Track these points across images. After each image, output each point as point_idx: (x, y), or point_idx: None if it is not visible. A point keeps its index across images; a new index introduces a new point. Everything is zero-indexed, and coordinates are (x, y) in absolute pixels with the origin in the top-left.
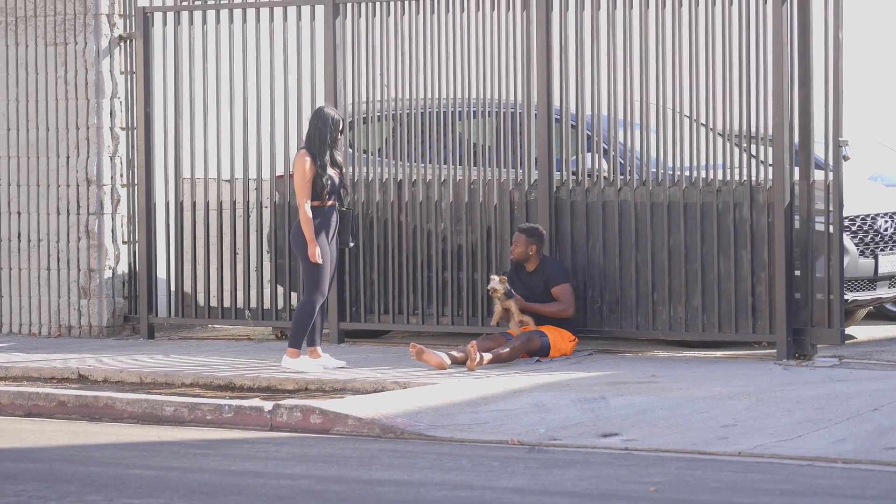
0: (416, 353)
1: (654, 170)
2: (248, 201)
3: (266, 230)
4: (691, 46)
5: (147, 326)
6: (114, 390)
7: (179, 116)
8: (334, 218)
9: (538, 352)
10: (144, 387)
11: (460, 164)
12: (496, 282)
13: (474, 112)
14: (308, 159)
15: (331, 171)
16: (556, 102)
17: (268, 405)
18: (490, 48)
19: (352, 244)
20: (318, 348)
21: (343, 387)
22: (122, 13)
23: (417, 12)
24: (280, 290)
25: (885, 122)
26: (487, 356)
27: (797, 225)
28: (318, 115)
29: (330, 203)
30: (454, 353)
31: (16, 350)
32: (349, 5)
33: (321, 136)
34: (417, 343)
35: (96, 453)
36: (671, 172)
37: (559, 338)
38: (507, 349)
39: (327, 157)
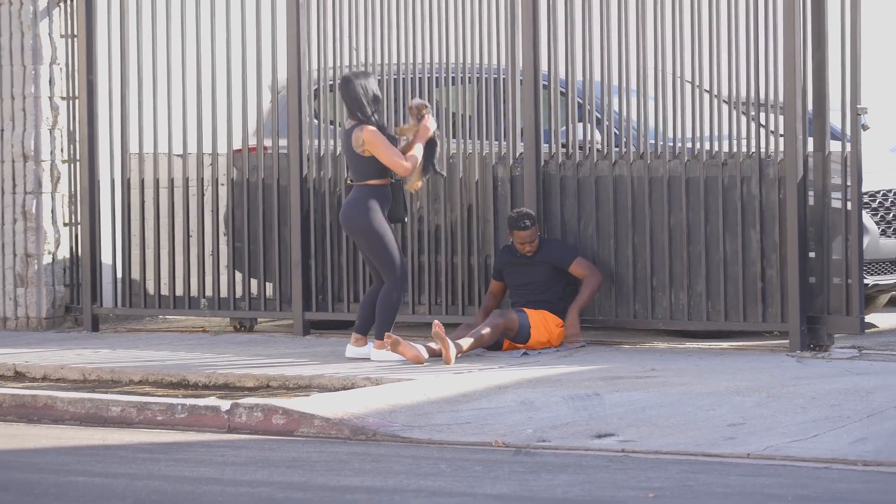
0: (391, 343)
1: (652, 141)
2: (203, 178)
3: (223, 210)
4: (694, 3)
5: (91, 318)
6: (54, 389)
7: (126, 85)
8: (389, 197)
9: (518, 334)
10: (88, 385)
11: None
12: (419, 102)
13: (452, 78)
14: (376, 130)
15: None
16: (543, 67)
17: (225, 404)
18: (470, 6)
19: (407, 218)
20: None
21: (308, 384)
22: None
23: None
24: (238, 276)
25: None
26: (467, 342)
27: (811, 201)
28: (346, 86)
29: (387, 181)
30: (433, 344)
31: None
32: None
33: (369, 99)
34: (393, 334)
35: (35, 459)
36: (671, 144)
37: (543, 321)
38: (487, 329)
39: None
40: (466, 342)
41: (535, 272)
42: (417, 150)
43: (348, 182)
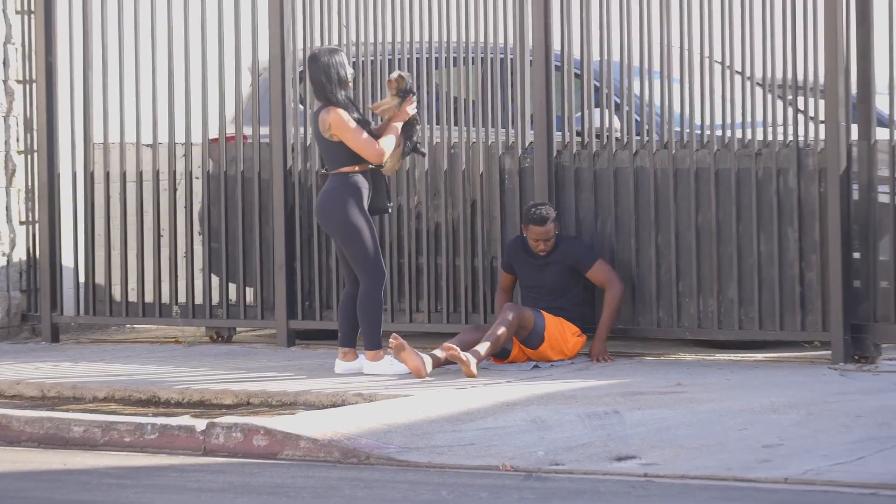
0: (396, 347)
1: (677, 129)
2: (175, 171)
3: (197, 207)
4: None
5: (50, 327)
6: (9, 407)
7: (89, 67)
8: (366, 185)
9: (531, 334)
10: (47, 402)
11: (437, 124)
12: (398, 75)
13: (454, 58)
14: (343, 112)
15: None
16: (556, 45)
17: (200, 424)
18: None
19: (391, 207)
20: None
21: (294, 400)
22: None
23: None
24: (215, 281)
25: None
26: (484, 347)
27: (855, 196)
28: (313, 63)
29: (366, 167)
30: (438, 352)
31: None
32: None
33: (333, 81)
34: (384, 344)
35: None
36: (699, 132)
37: (560, 330)
38: (502, 328)
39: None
40: (483, 347)
41: (548, 274)
42: (393, 132)
43: (323, 172)
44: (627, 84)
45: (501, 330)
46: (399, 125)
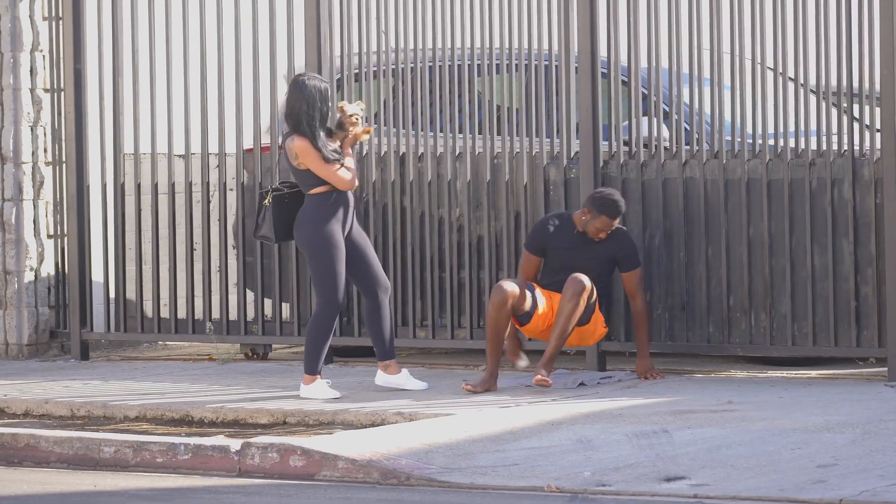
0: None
1: (728, 138)
2: (209, 182)
3: (231, 219)
4: None
5: (80, 344)
6: (38, 426)
7: (119, 74)
8: (347, 204)
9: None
10: (77, 422)
11: (480, 133)
12: (356, 107)
13: (497, 65)
14: (308, 142)
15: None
16: (602, 52)
17: (235, 444)
18: None
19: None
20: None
21: (332, 419)
22: None
23: None
24: (250, 296)
25: None
26: (550, 347)
27: None
28: (299, 90)
29: None
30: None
31: None
32: None
33: (309, 118)
34: (427, 361)
35: None
36: (750, 141)
37: (594, 320)
38: (563, 316)
39: (323, 135)
40: (550, 347)
41: (589, 261)
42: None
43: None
44: (676, 91)
45: (562, 318)
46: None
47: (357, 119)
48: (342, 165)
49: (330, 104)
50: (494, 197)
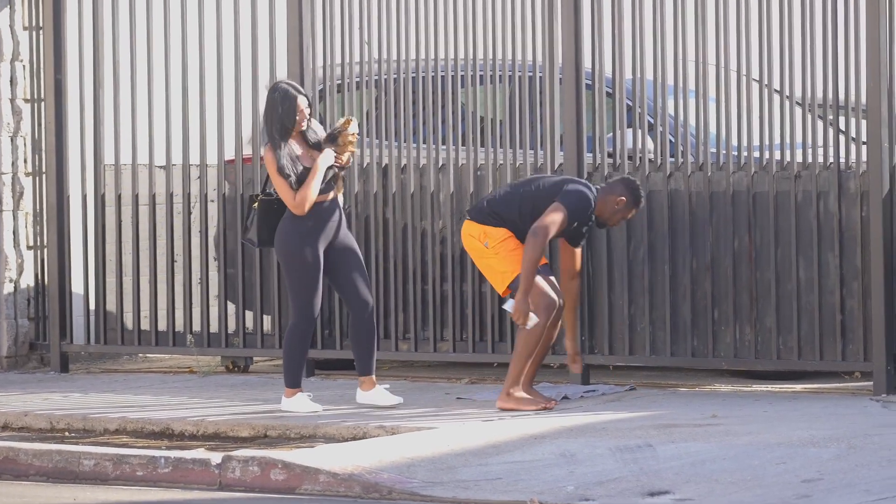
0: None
1: (713, 150)
2: (190, 193)
3: (213, 231)
4: None
5: (59, 356)
6: (16, 439)
7: (100, 85)
8: (329, 217)
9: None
10: (56, 434)
11: (463, 145)
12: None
13: (481, 76)
14: (270, 150)
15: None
16: (586, 63)
17: (216, 457)
18: None
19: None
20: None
21: (313, 433)
22: None
23: None
24: (231, 308)
25: None
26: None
27: None
28: (267, 98)
29: (327, 197)
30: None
31: None
32: None
33: (274, 124)
34: (409, 374)
35: None
36: (735, 153)
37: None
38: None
39: (290, 146)
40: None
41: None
42: (315, 184)
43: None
44: (661, 103)
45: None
46: (320, 178)
47: (354, 138)
48: (293, 181)
49: (297, 112)
50: None
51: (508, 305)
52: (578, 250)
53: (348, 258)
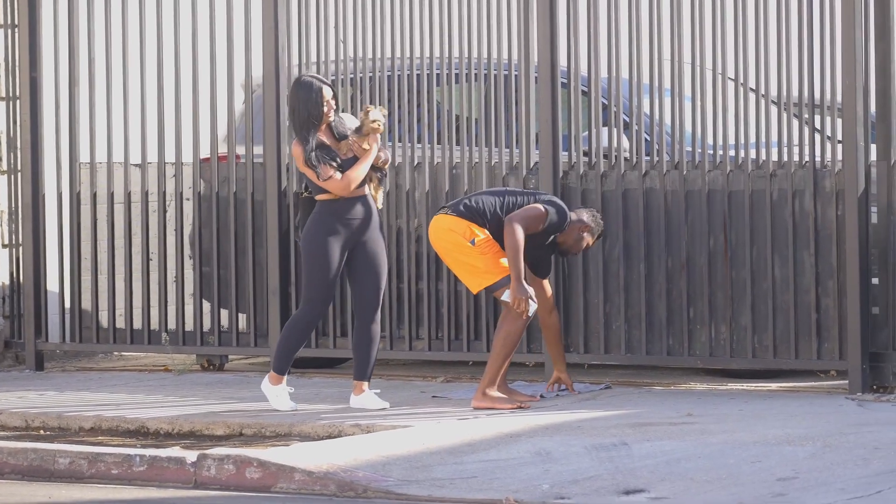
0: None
1: (689, 148)
2: (165, 192)
3: (188, 229)
4: None
5: (35, 354)
6: None
7: (75, 83)
8: (356, 213)
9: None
10: (31, 433)
11: (439, 143)
12: (378, 112)
13: (456, 75)
14: (298, 144)
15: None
16: (562, 62)
17: (191, 455)
18: None
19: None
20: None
21: (288, 431)
22: None
23: None
24: (206, 306)
25: None
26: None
27: (874, 219)
28: (292, 91)
29: (362, 192)
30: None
31: None
32: None
33: (301, 117)
34: (384, 373)
35: None
36: (711, 152)
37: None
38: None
39: (316, 139)
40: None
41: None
42: (364, 166)
43: (297, 192)
44: (637, 102)
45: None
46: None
47: (378, 125)
48: (335, 170)
49: (324, 104)
50: None
51: (507, 296)
52: (546, 282)
53: (368, 263)
